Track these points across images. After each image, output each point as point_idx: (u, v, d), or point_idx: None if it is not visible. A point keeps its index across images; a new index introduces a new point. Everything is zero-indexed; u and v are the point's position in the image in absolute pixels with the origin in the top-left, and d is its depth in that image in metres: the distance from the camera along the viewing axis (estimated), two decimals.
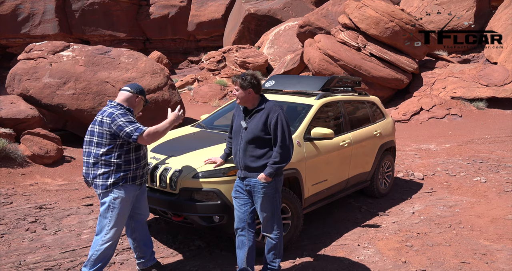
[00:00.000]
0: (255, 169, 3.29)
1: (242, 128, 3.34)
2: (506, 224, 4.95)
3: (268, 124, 3.24)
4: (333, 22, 17.23)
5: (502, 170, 7.15)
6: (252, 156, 3.29)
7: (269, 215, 3.35)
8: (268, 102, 3.36)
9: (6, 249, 4.05)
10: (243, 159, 3.32)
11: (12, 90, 9.26)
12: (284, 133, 3.22)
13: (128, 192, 3.24)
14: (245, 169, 3.34)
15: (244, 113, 3.40)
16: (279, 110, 3.28)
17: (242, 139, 3.33)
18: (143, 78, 9.78)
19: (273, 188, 3.30)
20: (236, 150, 3.39)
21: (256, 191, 3.30)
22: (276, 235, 3.40)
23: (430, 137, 10.93)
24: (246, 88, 3.26)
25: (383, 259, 4.05)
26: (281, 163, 3.23)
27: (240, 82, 3.26)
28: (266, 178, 3.24)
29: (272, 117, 3.24)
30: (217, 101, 15.85)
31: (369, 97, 5.96)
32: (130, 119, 3.17)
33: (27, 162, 7.03)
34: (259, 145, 3.28)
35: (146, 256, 3.58)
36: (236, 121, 3.47)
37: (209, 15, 27.06)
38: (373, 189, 5.77)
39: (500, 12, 16.65)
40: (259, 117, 3.28)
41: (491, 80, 13.31)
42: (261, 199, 3.30)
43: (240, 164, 3.37)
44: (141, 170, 3.34)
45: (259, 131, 3.25)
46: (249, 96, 3.29)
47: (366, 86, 13.89)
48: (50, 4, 26.68)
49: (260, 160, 3.28)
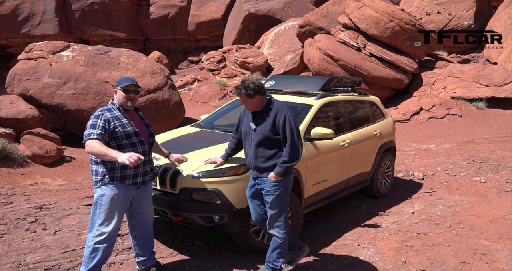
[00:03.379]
0: (266, 169, 3.34)
1: (252, 130, 3.38)
2: (506, 224, 4.95)
3: (277, 124, 3.29)
4: (333, 22, 17.23)
5: (502, 170, 7.15)
6: (262, 156, 3.34)
7: (277, 214, 3.39)
8: (275, 102, 3.40)
9: (6, 249, 4.05)
10: (254, 159, 3.38)
11: (12, 90, 9.26)
12: (292, 133, 3.26)
13: (115, 191, 3.19)
14: (256, 169, 3.40)
15: (253, 114, 3.43)
16: (286, 110, 3.32)
17: (252, 140, 3.38)
18: (143, 78, 9.79)
19: (282, 187, 3.35)
20: (247, 151, 3.45)
21: (266, 189, 3.35)
22: (282, 234, 3.41)
23: (430, 137, 10.93)
24: (253, 96, 3.28)
25: (383, 259, 4.05)
26: (291, 162, 3.27)
27: (245, 93, 3.27)
28: (276, 177, 3.29)
29: (280, 117, 3.28)
30: (217, 101, 15.85)
31: (369, 97, 5.96)
32: (95, 122, 3.11)
33: (27, 162, 7.03)
34: (269, 145, 3.33)
35: (145, 255, 3.57)
36: (245, 122, 3.50)
37: (209, 15, 27.06)
38: (373, 189, 5.77)
39: (500, 12, 16.65)
40: (267, 118, 3.32)
41: (491, 80, 13.31)
42: (270, 197, 3.35)
43: (251, 165, 3.43)
44: (131, 170, 3.22)
45: (268, 132, 3.30)
46: (257, 102, 3.33)
47: (366, 86, 13.90)
48: (50, 4, 26.68)
49: (270, 160, 3.33)
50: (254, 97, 3.29)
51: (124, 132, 3.21)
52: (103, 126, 3.12)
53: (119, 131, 3.18)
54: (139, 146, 3.29)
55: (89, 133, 3.08)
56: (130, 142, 3.23)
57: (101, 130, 3.10)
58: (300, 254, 3.71)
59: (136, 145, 3.27)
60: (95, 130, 3.08)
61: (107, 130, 3.13)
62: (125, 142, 3.21)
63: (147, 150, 3.37)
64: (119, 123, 3.20)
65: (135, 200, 3.41)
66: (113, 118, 3.20)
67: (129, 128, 3.25)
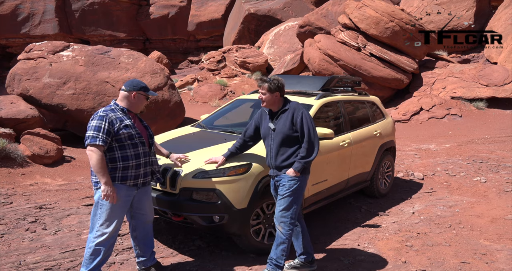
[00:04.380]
0: (286, 166, 3.46)
1: (271, 130, 3.50)
2: (506, 224, 4.95)
3: (295, 122, 3.41)
4: (333, 22, 17.23)
5: (502, 170, 7.15)
6: (283, 154, 3.46)
7: (286, 208, 3.43)
8: (291, 102, 3.54)
9: (6, 249, 4.05)
10: (275, 158, 3.49)
11: (12, 90, 9.26)
12: (309, 130, 3.40)
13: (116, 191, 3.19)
14: (276, 168, 3.51)
15: (270, 116, 3.56)
16: (302, 108, 3.47)
17: (273, 140, 3.50)
18: (143, 78, 9.78)
19: (298, 184, 3.44)
20: (268, 151, 3.56)
21: (282, 184, 3.45)
22: (287, 230, 3.43)
23: (430, 137, 10.93)
24: (273, 91, 3.43)
25: (383, 259, 4.05)
26: (309, 157, 3.40)
27: (268, 86, 3.42)
28: (295, 172, 3.39)
29: (297, 116, 3.42)
30: (217, 101, 15.85)
31: (369, 97, 5.96)
32: (100, 124, 3.10)
33: (27, 162, 7.03)
34: (289, 143, 3.45)
35: (146, 256, 3.57)
36: (263, 124, 3.61)
37: (209, 15, 27.06)
38: (373, 189, 5.77)
39: (500, 12, 16.65)
40: (285, 117, 3.45)
41: (491, 80, 13.31)
42: (284, 191, 3.43)
43: (272, 164, 3.54)
44: (133, 171, 3.24)
45: (288, 130, 3.42)
46: (275, 99, 3.46)
47: (366, 86, 13.90)
48: (50, 4, 26.68)
49: (290, 157, 3.45)
50: (274, 93, 3.43)
51: (127, 134, 3.21)
52: (108, 130, 3.11)
53: (122, 133, 3.18)
54: (141, 147, 3.30)
55: (94, 136, 3.07)
56: (132, 142, 3.24)
57: (106, 135, 3.10)
58: (308, 267, 3.72)
59: (138, 145, 3.28)
60: (100, 134, 3.08)
61: (111, 134, 3.13)
62: (127, 142, 3.22)
63: (147, 151, 3.37)
64: (122, 125, 3.21)
65: (136, 201, 3.42)
66: (116, 120, 3.19)
67: (132, 129, 3.25)
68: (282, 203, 3.43)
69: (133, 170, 3.24)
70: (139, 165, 3.29)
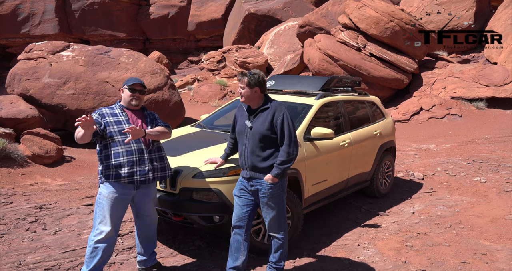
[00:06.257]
0: (262, 169, 3.25)
1: (247, 128, 3.29)
2: (506, 224, 4.95)
3: (274, 124, 3.21)
4: (333, 22, 17.23)
5: (502, 170, 7.15)
6: (259, 156, 3.25)
7: (275, 215, 3.34)
8: (273, 101, 3.33)
9: (6, 249, 4.05)
10: (250, 159, 3.27)
11: (12, 90, 9.26)
12: (290, 132, 3.20)
13: (111, 189, 3.19)
14: (251, 169, 3.30)
15: (248, 112, 3.35)
16: (284, 109, 3.25)
17: (248, 139, 3.28)
18: (143, 78, 9.79)
19: (279, 189, 3.29)
20: (242, 150, 3.33)
21: (263, 191, 3.27)
22: (282, 234, 3.40)
23: (430, 137, 10.93)
24: (252, 86, 3.22)
25: (383, 259, 4.05)
26: (288, 163, 3.20)
27: (247, 80, 3.21)
28: (273, 179, 3.21)
29: (278, 116, 3.20)
30: (217, 101, 15.85)
31: (369, 97, 5.96)
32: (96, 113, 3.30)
33: (27, 162, 7.03)
34: (266, 144, 3.25)
35: (146, 255, 3.58)
36: (239, 121, 3.42)
37: (209, 15, 27.07)
38: (373, 189, 5.77)
39: (500, 12, 16.65)
40: (265, 117, 3.24)
41: (491, 80, 13.31)
42: (267, 199, 3.28)
43: (246, 164, 3.32)
44: (125, 168, 3.19)
45: (265, 131, 3.21)
46: (254, 95, 3.26)
47: (366, 86, 13.90)
48: (50, 4, 26.70)
49: (267, 160, 3.25)
50: (253, 88, 3.23)
51: (117, 128, 3.25)
52: (96, 119, 3.24)
53: (112, 127, 3.24)
54: (133, 143, 3.26)
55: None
56: (123, 138, 3.24)
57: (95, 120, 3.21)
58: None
59: (130, 142, 3.25)
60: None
61: (99, 123, 3.23)
62: (118, 138, 3.23)
63: (143, 148, 3.30)
64: (114, 119, 3.28)
65: (138, 201, 3.41)
66: (109, 114, 3.30)
67: (125, 125, 3.26)
68: (270, 212, 3.31)
69: (126, 167, 3.21)
70: (132, 161, 3.23)
